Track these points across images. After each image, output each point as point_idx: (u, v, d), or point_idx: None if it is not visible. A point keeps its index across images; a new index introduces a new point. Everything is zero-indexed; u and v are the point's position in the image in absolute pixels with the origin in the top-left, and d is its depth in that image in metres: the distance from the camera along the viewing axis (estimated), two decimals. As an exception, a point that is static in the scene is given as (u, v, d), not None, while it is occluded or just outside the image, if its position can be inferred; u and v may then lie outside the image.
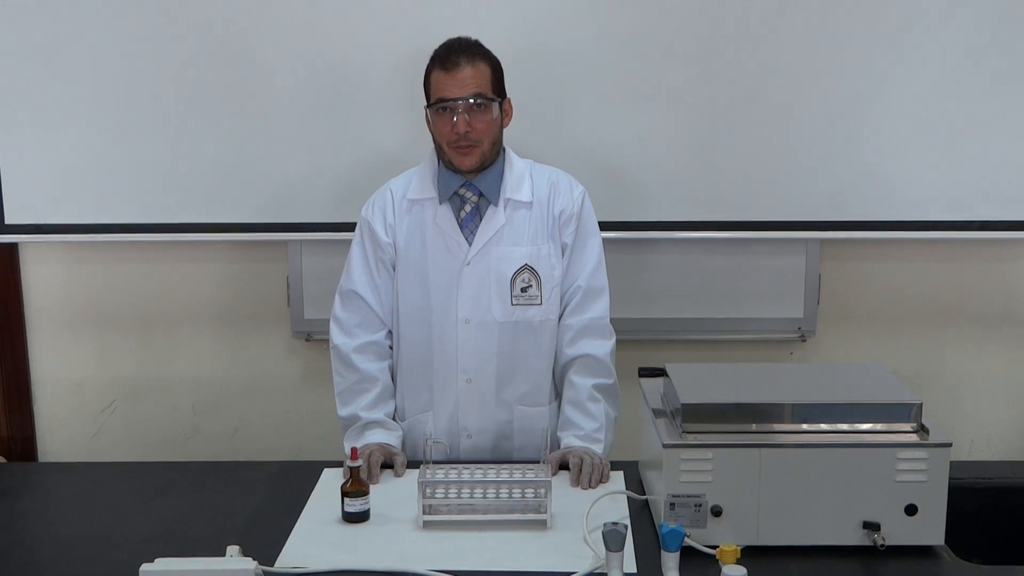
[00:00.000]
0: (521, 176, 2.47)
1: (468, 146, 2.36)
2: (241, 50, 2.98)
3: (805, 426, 1.98)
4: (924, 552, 1.94)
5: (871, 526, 1.92)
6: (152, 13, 2.96)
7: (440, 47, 2.40)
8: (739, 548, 1.76)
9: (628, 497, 2.18)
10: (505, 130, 2.46)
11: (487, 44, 2.42)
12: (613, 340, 2.50)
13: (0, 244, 3.19)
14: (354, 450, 2.15)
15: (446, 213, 2.44)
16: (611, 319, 2.51)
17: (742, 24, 2.94)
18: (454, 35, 2.43)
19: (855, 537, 1.93)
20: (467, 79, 2.34)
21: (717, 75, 2.97)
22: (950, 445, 1.92)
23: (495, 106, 2.38)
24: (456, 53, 2.35)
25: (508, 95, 2.45)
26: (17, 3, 2.96)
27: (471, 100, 2.33)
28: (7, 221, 3.09)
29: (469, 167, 2.40)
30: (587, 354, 2.46)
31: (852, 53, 2.95)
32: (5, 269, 3.28)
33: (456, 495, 2.10)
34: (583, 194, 2.50)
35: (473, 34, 2.43)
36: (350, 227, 2.57)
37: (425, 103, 2.42)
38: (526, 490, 2.10)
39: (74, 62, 2.99)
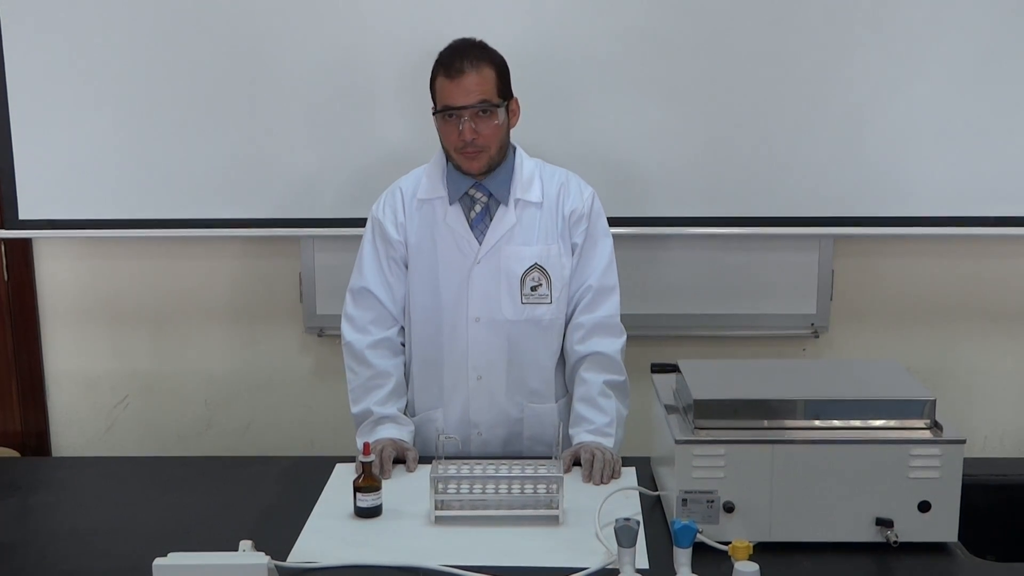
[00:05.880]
0: (531, 176, 2.46)
1: (475, 152, 2.36)
2: (253, 47, 2.99)
3: (818, 422, 1.97)
4: (937, 549, 1.93)
5: (884, 523, 1.91)
6: (164, 11, 2.97)
7: (444, 51, 2.37)
8: (751, 544, 1.76)
9: (640, 493, 2.18)
10: (514, 129, 2.45)
11: (495, 43, 2.40)
12: (623, 338, 2.50)
13: (14, 239, 3.21)
14: (366, 445, 2.15)
15: (456, 213, 2.44)
16: (623, 315, 2.50)
17: (753, 21, 2.93)
18: (463, 32, 2.41)
19: (868, 534, 1.93)
20: (471, 86, 2.31)
21: (728, 72, 2.96)
22: (964, 442, 1.91)
23: (501, 111, 2.36)
24: (460, 59, 2.32)
25: (515, 94, 2.43)
26: (32, 2, 2.97)
27: (476, 107, 2.33)
28: (21, 217, 3.10)
29: (477, 171, 2.40)
30: (598, 351, 2.46)
31: (865, 49, 2.94)
32: (19, 264, 3.29)
33: (468, 491, 2.10)
34: (592, 195, 2.49)
35: (481, 32, 2.42)
36: (362, 223, 2.57)
37: (432, 106, 2.40)
38: (538, 486, 2.10)
39: (88, 59, 3.00)
